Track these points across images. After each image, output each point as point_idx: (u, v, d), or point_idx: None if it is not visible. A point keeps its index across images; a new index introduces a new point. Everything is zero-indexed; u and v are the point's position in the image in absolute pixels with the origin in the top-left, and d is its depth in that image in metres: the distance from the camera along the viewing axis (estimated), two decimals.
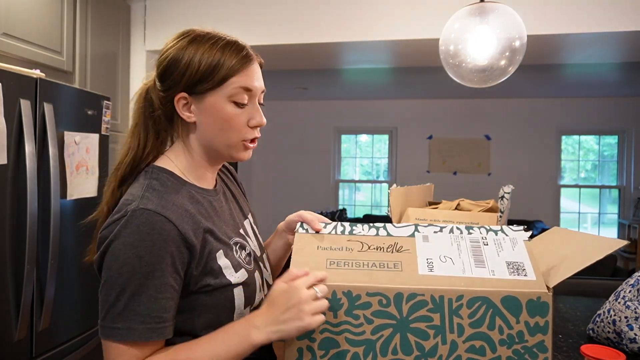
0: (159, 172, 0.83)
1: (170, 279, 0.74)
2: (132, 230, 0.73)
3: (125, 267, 0.72)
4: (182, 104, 0.82)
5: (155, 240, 0.73)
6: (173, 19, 2.88)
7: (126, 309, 0.72)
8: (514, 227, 0.86)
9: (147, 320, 0.72)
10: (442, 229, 0.86)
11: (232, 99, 0.81)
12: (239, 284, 0.83)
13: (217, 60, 0.79)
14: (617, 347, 1.19)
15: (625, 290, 1.24)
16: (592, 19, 2.34)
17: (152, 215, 0.74)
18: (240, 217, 0.97)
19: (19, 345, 1.70)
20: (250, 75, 0.82)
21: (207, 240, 0.81)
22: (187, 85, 0.80)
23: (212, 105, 0.81)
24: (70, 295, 1.99)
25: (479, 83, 1.66)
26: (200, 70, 0.79)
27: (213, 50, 0.80)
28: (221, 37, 0.82)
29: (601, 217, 5.95)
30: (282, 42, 2.71)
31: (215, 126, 0.82)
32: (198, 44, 0.81)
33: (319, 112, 6.39)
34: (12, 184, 1.67)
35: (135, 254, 0.72)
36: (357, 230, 0.87)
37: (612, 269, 3.56)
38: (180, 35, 0.84)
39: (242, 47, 0.82)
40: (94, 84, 2.52)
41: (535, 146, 5.84)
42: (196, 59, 0.79)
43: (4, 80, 1.61)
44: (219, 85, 0.80)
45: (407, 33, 2.55)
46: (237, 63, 0.80)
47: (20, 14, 2.05)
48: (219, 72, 0.79)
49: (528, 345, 0.73)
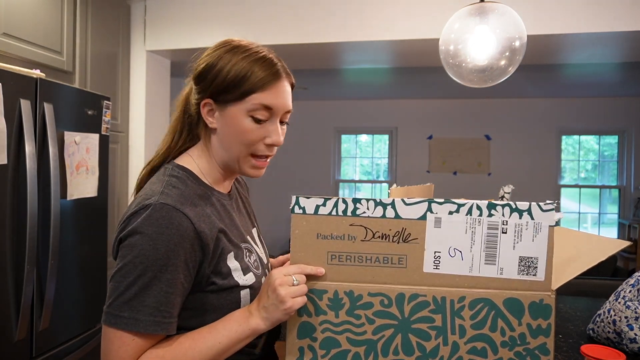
0: (179, 170, 0.85)
1: (182, 275, 0.75)
2: (151, 223, 0.73)
3: (140, 257, 0.73)
4: (207, 110, 0.84)
5: (172, 235, 0.74)
6: (173, 19, 2.88)
7: (135, 298, 0.72)
8: (544, 204, 0.75)
9: (155, 313, 0.73)
10: (460, 209, 0.75)
11: (251, 114, 0.81)
12: (246, 286, 0.84)
13: (244, 74, 0.80)
14: (617, 347, 1.19)
15: (626, 290, 1.24)
16: (592, 19, 2.34)
17: (171, 211, 0.75)
18: (248, 225, 0.99)
19: (19, 345, 1.70)
20: (274, 93, 0.82)
21: (221, 241, 0.82)
22: (213, 93, 0.82)
23: (232, 117, 0.82)
24: (70, 295, 1.99)
25: (479, 83, 1.66)
26: (227, 80, 0.80)
27: (243, 62, 0.80)
28: (256, 51, 0.83)
29: (601, 217, 5.95)
30: (283, 42, 2.71)
31: (231, 136, 0.83)
32: (233, 54, 0.82)
33: (319, 112, 6.39)
34: (12, 184, 1.66)
35: (153, 246, 0.73)
36: (361, 209, 0.77)
37: (612, 269, 3.56)
38: (221, 44, 0.86)
39: (273, 64, 0.82)
40: (94, 84, 2.52)
41: (535, 146, 5.84)
42: (226, 68, 0.80)
43: (4, 80, 1.61)
44: (241, 99, 0.81)
45: (407, 33, 2.55)
46: (263, 79, 0.80)
47: (20, 14, 2.05)
48: (243, 85, 0.80)
49: (530, 347, 0.73)
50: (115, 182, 2.76)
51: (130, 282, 0.72)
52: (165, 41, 2.91)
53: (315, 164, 6.38)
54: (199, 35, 2.84)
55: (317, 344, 0.76)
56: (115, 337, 0.73)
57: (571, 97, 5.73)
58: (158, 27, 2.91)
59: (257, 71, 0.80)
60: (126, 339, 0.73)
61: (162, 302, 0.73)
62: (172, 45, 2.91)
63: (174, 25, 2.89)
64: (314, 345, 0.76)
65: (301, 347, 0.76)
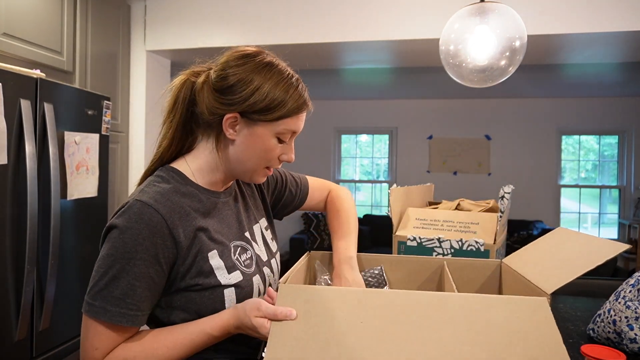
0: (168, 171, 0.88)
1: (152, 270, 0.77)
2: (124, 219, 0.77)
3: (111, 250, 0.76)
4: (230, 122, 0.85)
5: (141, 229, 0.76)
6: (173, 19, 2.88)
7: (105, 289, 0.75)
8: None
9: (122, 304, 0.75)
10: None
11: (279, 135, 0.87)
12: (230, 285, 0.84)
13: (281, 100, 0.84)
14: (618, 347, 1.19)
15: (626, 290, 1.24)
16: (592, 19, 2.34)
17: (143, 207, 0.78)
18: (250, 221, 0.99)
19: (19, 345, 1.70)
20: (300, 120, 0.88)
21: (199, 239, 0.83)
22: (244, 109, 0.83)
23: (260, 135, 0.85)
24: (70, 296, 1.99)
25: (479, 83, 1.66)
26: (265, 102, 0.83)
27: (280, 86, 0.84)
28: (289, 75, 0.87)
29: (601, 217, 5.95)
30: (283, 42, 2.71)
31: (252, 151, 0.87)
32: (268, 74, 0.84)
33: (319, 112, 6.37)
34: (12, 184, 1.67)
35: (122, 240, 0.76)
36: None
37: (612, 269, 3.56)
38: (249, 55, 0.86)
39: (302, 94, 0.87)
40: (94, 84, 2.52)
41: (535, 146, 5.84)
42: (264, 89, 0.83)
43: (4, 80, 1.61)
44: (273, 121, 0.85)
45: (407, 33, 2.55)
46: (295, 109, 0.86)
47: (20, 14, 2.05)
48: (279, 111, 0.84)
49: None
50: (115, 182, 2.76)
51: (102, 274, 0.76)
52: (165, 41, 2.91)
53: (315, 164, 6.38)
54: (199, 35, 2.84)
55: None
56: (91, 327, 0.76)
57: (571, 97, 5.73)
58: (158, 27, 2.91)
59: (291, 100, 0.85)
60: (100, 330, 0.76)
61: (128, 294, 0.75)
62: (172, 45, 2.91)
63: (174, 25, 2.89)
64: None
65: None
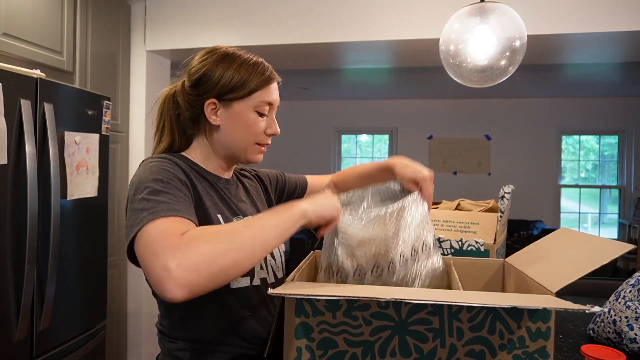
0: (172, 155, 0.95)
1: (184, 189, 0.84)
2: (143, 169, 0.86)
3: (141, 183, 0.81)
4: (211, 109, 0.95)
5: (165, 165, 0.86)
6: (173, 19, 2.88)
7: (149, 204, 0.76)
8: None
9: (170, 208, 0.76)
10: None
11: (256, 109, 0.95)
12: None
13: (247, 78, 0.94)
14: (618, 347, 1.19)
15: (626, 290, 1.24)
16: (592, 19, 2.33)
17: (156, 159, 0.89)
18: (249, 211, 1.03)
19: (19, 345, 1.70)
20: (271, 92, 0.97)
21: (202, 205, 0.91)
22: (218, 93, 0.94)
23: (239, 112, 0.95)
24: (70, 295, 1.99)
25: (479, 83, 1.66)
26: (233, 82, 0.93)
27: (243, 68, 0.94)
28: (249, 58, 0.97)
29: (601, 217, 5.94)
30: (283, 42, 2.71)
31: (237, 130, 0.96)
32: (229, 59, 0.95)
33: (319, 112, 6.39)
34: (12, 184, 1.67)
35: (149, 172, 0.83)
36: None
37: (612, 269, 3.56)
38: (210, 51, 0.97)
39: (266, 69, 0.97)
40: (94, 84, 2.52)
41: (535, 146, 5.84)
42: (229, 72, 0.93)
43: (4, 80, 1.61)
44: (247, 96, 0.94)
45: (407, 33, 2.55)
46: (262, 81, 0.95)
47: (20, 14, 2.05)
48: (248, 86, 0.94)
49: (529, 350, 0.72)
50: (115, 182, 2.76)
51: (140, 199, 0.78)
52: (165, 41, 2.91)
53: (315, 164, 6.38)
54: (198, 35, 2.84)
55: (315, 345, 0.76)
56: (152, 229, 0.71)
57: (571, 97, 5.73)
58: (158, 27, 2.91)
59: (257, 75, 0.95)
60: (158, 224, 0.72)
61: (172, 200, 0.78)
62: (172, 45, 2.91)
63: (174, 25, 2.89)
64: (311, 346, 0.76)
65: (299, 348, 0.76)
